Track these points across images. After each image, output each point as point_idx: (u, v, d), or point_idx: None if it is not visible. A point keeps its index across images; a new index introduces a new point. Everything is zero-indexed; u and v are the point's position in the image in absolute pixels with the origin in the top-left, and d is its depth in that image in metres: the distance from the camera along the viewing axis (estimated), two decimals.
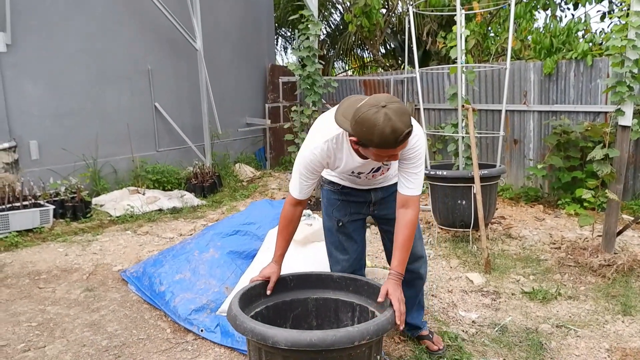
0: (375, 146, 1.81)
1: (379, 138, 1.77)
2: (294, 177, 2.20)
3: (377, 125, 1.75)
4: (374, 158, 1.95)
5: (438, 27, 7.93)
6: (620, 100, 3.72)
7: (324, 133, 2.08)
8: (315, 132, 2.14)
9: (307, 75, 5.43)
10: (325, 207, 2.52)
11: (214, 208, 5.73)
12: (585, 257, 3.84)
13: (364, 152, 1.95)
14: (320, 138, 2.07)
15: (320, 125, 2.16)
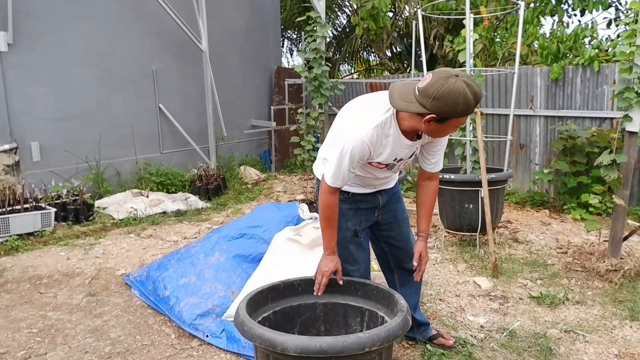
0: (460, 115, 1.85)
1: (464, 105, 1.80)
2: (335, 166, 2.04)
3: (461, 94, 1.79)
4: (448, 130, 1.97)
5: (445, 31, 7.92)
6: (628, 107, 3.70)
7: (371, 119, 2.01)
8: (358, 119, 2.04)
9: (313, 77, 5.42)
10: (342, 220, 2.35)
11: (219, 211, 5.72)
12: (592, 262, 3.81)
13: (435, 128, 1.91)
14: (369, 124, 1.99)
15: (360, 112, 2.09)
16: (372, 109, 2.05)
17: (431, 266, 4.00)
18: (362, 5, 7.27)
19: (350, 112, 2.14)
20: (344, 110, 2.21)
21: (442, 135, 2.06)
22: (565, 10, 6.57)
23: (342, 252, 2.37)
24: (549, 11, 6.53)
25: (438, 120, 1.87)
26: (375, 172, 2.25)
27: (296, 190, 6.77)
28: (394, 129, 2.03)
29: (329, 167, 2.08)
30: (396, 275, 2.61)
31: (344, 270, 2.38)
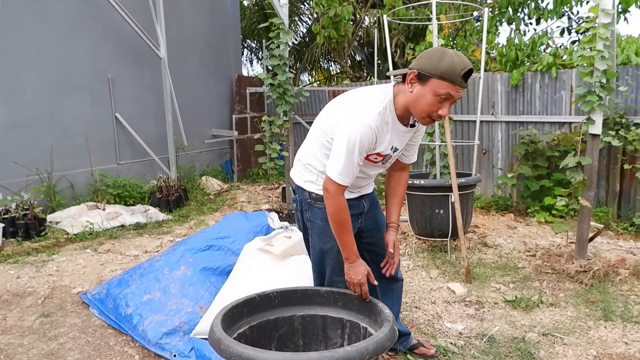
0: (442, 73, 1.80)
1: (448, 64, 1.79)
2: (345, 161, 1.91)
3: (445, 53, 1.82)
4: (427, 97, 1.85)
5: (405, 40, 8.00)
6: (590, 110, 3.78)
7: (373, 105, 1.96)
8: (360, 108, 1.97)
9: (278, 85, 5.30)
10: (323, 229, 2.19)
11: (181, 223, 5.47)
12: (561, 264, 3.85)
13: (417, 93, 1.87)
14: (374, 109, 1.95)
15: (359, 102, 2.01)
16: (370, 97, 2.01)
17: (404, 273, 3.92)
18: (324, 13, 7.24)
19: (345, 105, 2.04)
20: (333, 107, 2.11)
21: (423, 105, 1.88)
22: (522, 18, 6.78)
23: (330, 263, 2.25)
24: (507, 19, 6.71)
25: (419, 77, 1.85)
26: (369, 168, 2.15)
27: (261, 200, 6.60)
28: (391, 115, 2.01)
29: (335, 164, 1.93)
30: (378, 285, 2.50)
31: (332, 281, 2.27)
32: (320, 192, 2.13)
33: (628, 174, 5.14)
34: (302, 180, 2.22)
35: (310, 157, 2.17)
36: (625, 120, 4.96)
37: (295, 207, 2.32)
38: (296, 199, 2.29)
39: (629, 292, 3.46)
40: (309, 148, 2.19)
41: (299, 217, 2.31)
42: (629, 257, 4.12)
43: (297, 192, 2.27)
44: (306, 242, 2.38)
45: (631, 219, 4.98)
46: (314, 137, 2.16)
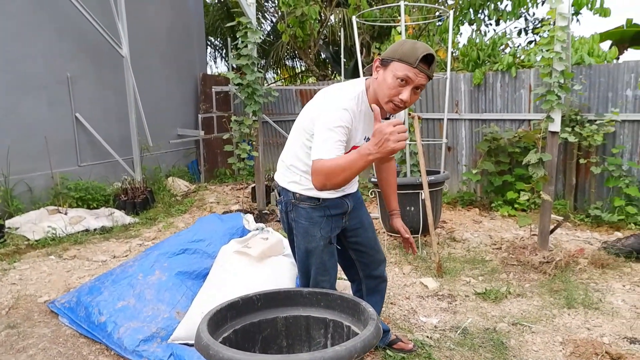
0: (399, 57, 1.87)
1: (407, 48, 1.87)
2: (323, 140, 1.88)
3: (409, 41, 1.94)
4: (389, 83, 1.90)
5: (370, 39, 8.09)
6: (550, 108, 3.96)
7: (347, 93, 2.02)
8: (335, 96, 2.02)
9: (247, 84, 5.27)
10: (307, 229, 2.22)
11: (149, 226, 5.36)
12: (526, 256, 4.02)
13: (381, 77, 1.94)
14: (347, 96, 2.00)
15: (333, 93, 2.06)
16: (344, 88, 2.07)
17: None
18: (291, 12, 7.23)
19: (321, 100, 2.08)
20: (310, 106, 2.15)
21: (385, 89, 1.92)
22: (482, 19, 7.00)
23: (315, 262, 2.27)
24: (469, 20, 6.91)
25: (382, 63, 1.95)
26: None
27: (230, 200, 6.54)
28: (365, 104, 2.05)
29: (316, 148, 1.89)
30: (364, 284, 2.55)
31: (316, 281, 2.30)
32: (304, 192, 2.17)
33: (583, 168, 5.41)
34: (286, 181, 2.25)
35: (292, 157, 2.20)
36: (580, 117, 5.21)
37: (280, 209, 2.34)
38: (281, 200, 2.30)
39: (588, 281, 3.66)
40: (291, 149, 2.22)
41: (284, 218, 2.32)
42: (586, 247, 4.35)
43: (282, 194, 2.29)
44: (291, 244, 2.39)
45: (587, 210, 5.24)
46: (294, 138, 2.20)
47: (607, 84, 5.14)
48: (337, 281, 3.29)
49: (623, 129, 5.11)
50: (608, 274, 3.76)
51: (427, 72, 1.89)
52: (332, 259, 2.33)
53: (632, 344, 2.77)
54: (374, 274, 2.51)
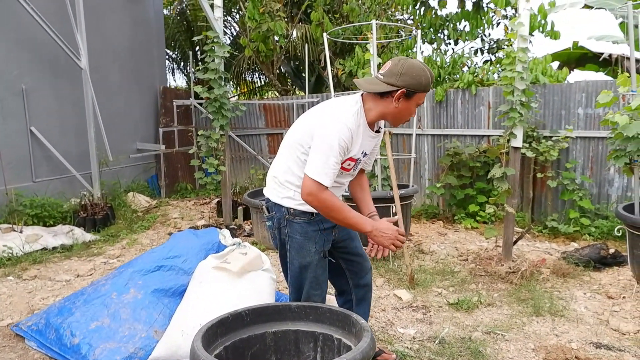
0: (423, 88, 2.06)
1: (426, 79, 2.06)
2: (322, 161, 1.99)
3: (422, 69, 2.06)
4: (412, 109, 2.12)
5: (333, 54, 8.24)
6: (513, 125, 4.17)
7: (347, 109, 2.11)
8: (335, 112, 2.11)
9: (214, 99, 5.23)
10: (302, 244, 2.23)
11: (112, 243, 5.17)
12: (492, 267, 4.17)
13: (403, 106, 2.08)
14: (348, 112, 2.09)
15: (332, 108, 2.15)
16: (342, 103, 2.15)
17: None
18: (257, 27, 7.26)
19: (318, 114, 2.16)
20: (304, 120, 2.21)
21: (406, 116, 2.15)
22: (442, 39, 7.30)
23: (308, 277, 2.28)
24: (429, 40, 7.19)
25: (407, 95, 2.06)
26: (342, 177, 2.25)
27: (194, 215, 6.42)
28: (362, 119, 2.14)
29: (315, 163, 1.99)
30: (353, 293, 2.57)
31: (309, 295, 2.30)
32: (298, 207, 2.19)
33: (539, 182, 5.71)
34: (279, 197, 2.25)
35: (286, 173, 2.22)
36: (537, 134, 5.51)
37: (270, 225, 2.34)
38: (272, 216, 2.30)
39: (552, 289, 3.84)
40: (284, 164, 2.23)
41: (276, 234, 2.32)
42: (547, 257, 4.57)
43: (274, 210, 2.28)
44: (282, 259, 2.39)
45: (544, 222, 5.52)
46: (288, 153, 2.22)
47: (561, 103, 5.48)
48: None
49: (575, 145, 5.44)
50: (569, 282, 3.97)
51: None
52: (325, 273, 2.35)
53: (597, 348, 2.93)
54: (361, 282, 2.55)
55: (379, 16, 7.61)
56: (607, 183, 5.40)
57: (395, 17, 8.32)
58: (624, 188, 5.32)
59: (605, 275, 4.11)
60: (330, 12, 8.51)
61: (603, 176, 5.41)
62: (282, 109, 7.58)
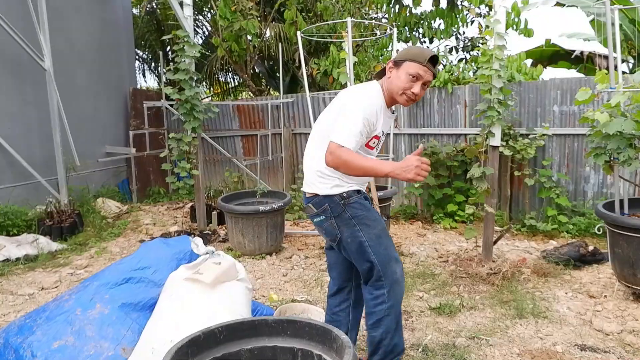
0: (410, 58, 2.24)
1: (416, 50, 2.29)
2: (348, 128, 2.15)
3: (416, 46, 2.38)
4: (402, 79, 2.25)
5: (307, 54, 8.11)
6: (491, 124, 4.12)
7: (372, 87, 2.34)
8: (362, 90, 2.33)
9: (185, 100, 5.04)
10: (367, 216, 2.36)
11: (79, 252, 4.93)
12: (473, 268, 4.11)
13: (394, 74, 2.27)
14: (372, 91, 2.31)
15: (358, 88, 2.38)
16: (366, 86, 2.38)
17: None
18: (229, 26, 7.07)
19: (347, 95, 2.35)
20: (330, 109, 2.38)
21: (398, 85, 2.26)
22: (417, 37, 7.25)
23: (386, 241, 2.39)
24: (404, 38, 7.13)
25: (395, 63, 2.29)
26: (369, 155, 2.37)
27: (167, 221, 6.21)
28: (383, 100, 2.35)
29: (339, 131, 2.14)
30: (353, 293, 2.64)
31: (396, 258, 2.41)
32: (350, 188, 2.35)
33: (517, 180, 5.70)
34: (329, 187, 2.34)
35: (315, 163, 2.36)
36: (513, 132, 5.50)
37: (324, 219, 2.38)
38: (325, 209, 2.35)
39: (533, 290, 3.80)
40: (312, 156, 2.39)
41: (335, 225, 2.36)
42: (527, 256, 4.54)
43: (325, 202, 2.35)
44: (344, 251, 2.41)
45: (522, 220, 5.51)
46: (320, 144, 2.31)
47: (536, 100, 5.48)
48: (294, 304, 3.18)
49: (551, 143, 5.45)
50: (550, 282, 3.94)
51: (433, 70, 2.28)
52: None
53: (582, 350, 2.88)
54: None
55: (354, 15, 7.53)
56: (583, 180, 5.43)
57: (369, 15, 8.25)
58: (600, 184, 5.36)
59: (586, 273, 4.10)
60: (304, 11, 8.39)
61: (579, 173, 5.43)
62: (256, 109, 7.41)
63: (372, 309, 2.42)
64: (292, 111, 7.10)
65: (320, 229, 2.46)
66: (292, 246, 5.12)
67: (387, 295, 2.39)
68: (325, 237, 2.48)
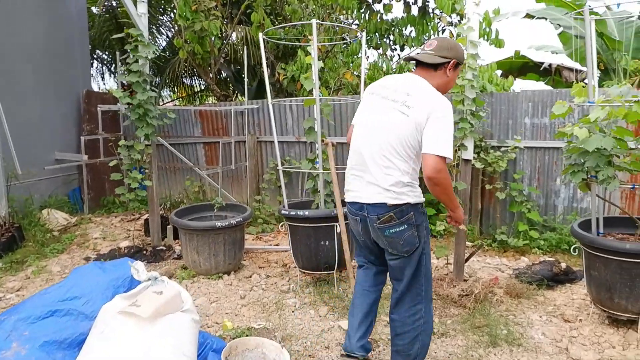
0: (463, 61, 2.52)
1: (464, 53, 2.52)
2: (446, 137, 2.19)
3: (459, 44, 2.50)
4: (455, 81, 2.54)
5: (275, 59, 7.80)
6: (463, 136, 3.90)
7: (432, 88, 2.36)
8: (434, 92, 2.32)
9: (137, 105, 4.64)
10: (428, 229, 2.46)
11: (14, 272, 4.44)
12: (444, 289, 3.86)
13: (453, 75, 2.44)
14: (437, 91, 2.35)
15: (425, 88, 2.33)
16: (422, 83, 2.36)
17: (290, 314, 3.60)
18: (189, 26, 6.69)
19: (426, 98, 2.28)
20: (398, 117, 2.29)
21: (452, 87, 2.56)
22: (388, 44, 7.04)
23: (428, 253, 2.48)
24: (375, 45, 6.90)
25: (456, 65, 2.42)
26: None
27: (119, 235, 5.76)
28: None
29: (444, 142, 2.16)
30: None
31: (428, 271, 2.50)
32: (421, 197, 2.37)
33: (487, 194, 5.52)
34: (412, 196, 2.31)
35: (407, 174, 2.30)
36: (485, 144, 5.32)
37: (405, 229, 2.33)
38: (409, 218, 2.32)
39: (507, 313, 3.57)
40: (401, 166, 2.28)
41: (415, 234, 2.36)
42: (499, 274, 4.34)
43: (411, 211, 2.32)
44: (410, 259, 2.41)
45: (493, 235, 5.32)
46: (397, 154, 2.27)
47: (508, 112, 5.32)
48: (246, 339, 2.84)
49: (523, 155, 5.29)
50: (524, 304, 3.73)
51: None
52: None
53: None
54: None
55: (324, 20, 7.27)
56: (553, 194, 5.29)
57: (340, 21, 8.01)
58: (570, 199, 5.23)
59: (559, 294, 3.91)
60: (272, 14, 8.09)
61: (549, 187, 5.29)
62: (219, 115, 7.04)
63: (411, 326, 2.45)
64: (257, 118, 6.77)
65: (396, 240, 2.36)
66: (253, 263, 4.77)
67: (424, 311, 2.48)
68: (401, 248, 2.38)
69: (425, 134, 2.17)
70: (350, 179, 2.47)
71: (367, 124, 2.39)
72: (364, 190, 2.35)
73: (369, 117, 2.40)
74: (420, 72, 2.37)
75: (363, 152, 2.35)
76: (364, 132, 2.39)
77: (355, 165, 2.43)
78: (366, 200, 2.34)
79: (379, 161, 2.29)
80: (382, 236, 2.37)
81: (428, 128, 2.17)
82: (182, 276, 4.32)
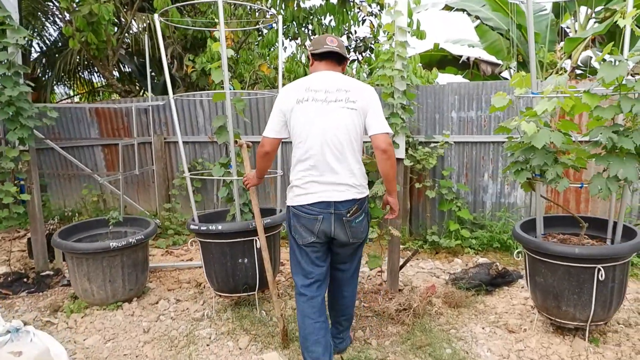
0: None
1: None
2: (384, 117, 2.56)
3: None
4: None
5: (183, 50, 7.04)
6: (395, 133, 3.53)
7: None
8: (362, 83, 2.58)
9: (7, 102, 3.79)
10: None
11: None
12: (380, 304, 3.48)
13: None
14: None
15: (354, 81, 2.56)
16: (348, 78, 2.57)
17: (204, 348, 3.03)
18: (76, 10, 5.77)
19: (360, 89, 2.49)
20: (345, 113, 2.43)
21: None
22: (307, 34, 6.57)
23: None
24: (292, 34, 6.41)
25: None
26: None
27: None
28: None
29: (384, 119, 2.49)
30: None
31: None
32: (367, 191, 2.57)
33: (416, 192, 5.25)
34: (365, 187, 2.57)
35: (360, 166, 2.52)
36: (413, 140, 5.03)
37: (363, 217, 2.55)
38: (365, 208, 2.55)
39: (447, 326, 3.26)
40: (353, 160, 2.47)
41: (365, 224, 2.59)
42: (435, 280, 4.06)
43: (364, 202, 2.55)
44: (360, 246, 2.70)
45: (424, 235, 5.06)
46: (351, 147, 2.46)
47: (434, 106, 5.07)
48: None
49: (450, 151, 5.07)
50: (464, 314, 3.43)
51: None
52: None
53: None
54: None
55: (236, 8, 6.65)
56: (482, 190, 5.13)
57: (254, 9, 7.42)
58: (498, 195, 5.09)
59: (499, 299, 3.68)
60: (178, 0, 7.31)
61: (478, 183, 5.12)
62: (119, 114, 6.19)
63: (355, 297, 2.84)
64: (164, 116, 6.03)
65: (359, 229, 2.54)
66: (161, 285, 4.11)
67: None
68: (361, 235, 2.58)
69: (370, 119, 2.44)
70: (307, 182, 2.48)
71: (320, 127, 2.42)
72: (333, 190, 2.44)
73: (317, 121, 2.42)
74: (331, 67, 2.54)
75: (326, 154, 2.42)
76: (319, 136, 2.41)
77: (315, 166, 2.45)
78: (337, 199, 2.44)
79: (342, 160, 2.44)
80: (349, 228, 2.50)
81: (371, 113, 2.45)
82: (70, 309, 3.56)
